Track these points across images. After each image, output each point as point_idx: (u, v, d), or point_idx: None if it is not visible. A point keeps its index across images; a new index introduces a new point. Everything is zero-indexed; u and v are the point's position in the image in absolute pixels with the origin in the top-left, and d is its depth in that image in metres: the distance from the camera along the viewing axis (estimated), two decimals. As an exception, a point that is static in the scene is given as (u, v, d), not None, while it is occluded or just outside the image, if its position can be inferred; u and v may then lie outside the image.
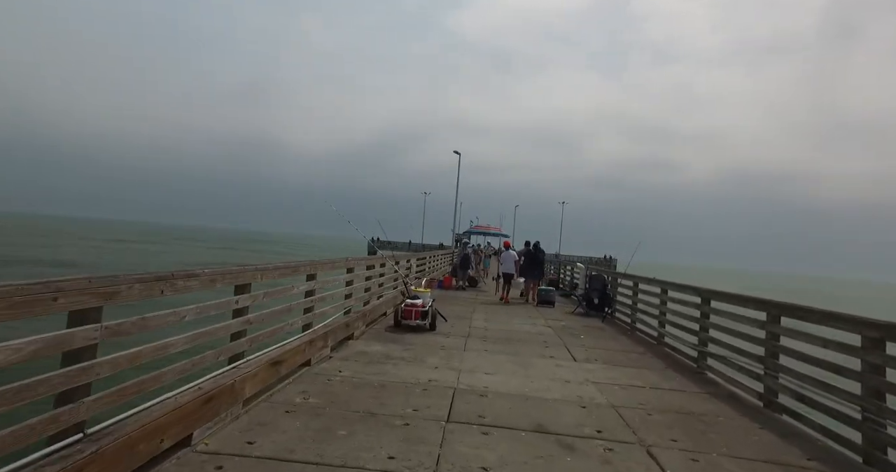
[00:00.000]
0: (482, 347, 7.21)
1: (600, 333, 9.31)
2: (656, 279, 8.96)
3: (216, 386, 3.21)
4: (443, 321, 9.05)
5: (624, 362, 6.86)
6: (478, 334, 8.25)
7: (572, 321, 10.61)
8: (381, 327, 8.20)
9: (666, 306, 8.27)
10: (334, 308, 6.46)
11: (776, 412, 4.74)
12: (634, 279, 10.09)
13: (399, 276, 9.88)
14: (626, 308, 10.53)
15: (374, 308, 8.40)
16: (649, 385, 5.67)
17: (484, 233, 19.36)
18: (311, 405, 3.99)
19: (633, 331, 9.69)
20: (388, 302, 9.31)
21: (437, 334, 7.93)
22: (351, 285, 7.25)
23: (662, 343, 8.14)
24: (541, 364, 6.35)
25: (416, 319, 7.92)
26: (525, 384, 5.29)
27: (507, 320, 10.25)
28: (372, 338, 7.20)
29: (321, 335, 5.54)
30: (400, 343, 6.99)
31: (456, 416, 4.07)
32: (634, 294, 10.05)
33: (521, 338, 8.16)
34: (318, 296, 5.82)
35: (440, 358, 6.24)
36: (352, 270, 7.26)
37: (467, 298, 13.94)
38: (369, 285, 8.51)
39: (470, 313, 10.85)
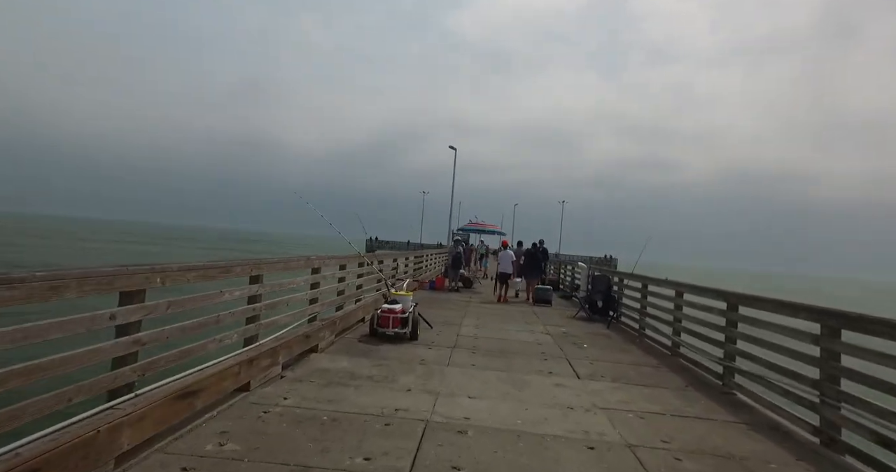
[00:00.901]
0: (469, 360, 6.17)
1: (606, 341, 8.26)
2: (669, 280, 7.92)
3: (56, 446, 2.16)
4: (427, 328, 8.00)
5: (636, 378, 5.82)
6: (466, 343, 7.20)
7: (574, 327, 9.56)
8: (357, 335, 7.16)
9: (682, 311, 7.23)
10: (292, 317, 5.41)
11: (840, 454, 3.70)
12: (643, 280, 9.05)
13: (382, 277, 8.83)
14: (633, 312, 9.49)
15: (348, 314, 7.35)
16: (670, 411, 4.62)
17: (479, 231, 18.24)
18: (222, 457, 2.93)
19: (641, 338, 8.65)
20: (367, 307, 8.27)
21: (419, 344, 6.88)
22: (317, 289, 6.20)
23: (678, 354, 7.10)
24: (538, 383, 5.31)
25: (394, 327, 6.88)
26: (517, 413, 4.24)
27: (501, 325, 9.20)
28: (340, 350, 6.15)
29: (268, 351, 4.50)
30: (372, 357, 5.94)
31: (422, 468, 3.02)
32: (643, 297, 9.01)
33: (516, 348, 7.11)
34: (268, 302, 4.77)
35: (416, 377, 5.20)
36: (318, 270, 6.21)
37: (459, 300, 12.89)
38: (343, 287, 7.46)
39: (460, 317, 9.80)
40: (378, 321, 6.93)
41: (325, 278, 6.45)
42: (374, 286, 9.41)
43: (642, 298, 9.04)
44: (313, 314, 6.11)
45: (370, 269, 8.98)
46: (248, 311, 4.42)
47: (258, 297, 4.53)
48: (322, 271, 6.32)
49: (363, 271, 8.62)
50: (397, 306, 7.01)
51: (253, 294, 4.48)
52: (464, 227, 19.07)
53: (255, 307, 4.50)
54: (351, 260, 7.91)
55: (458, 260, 15.62)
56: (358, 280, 8.54)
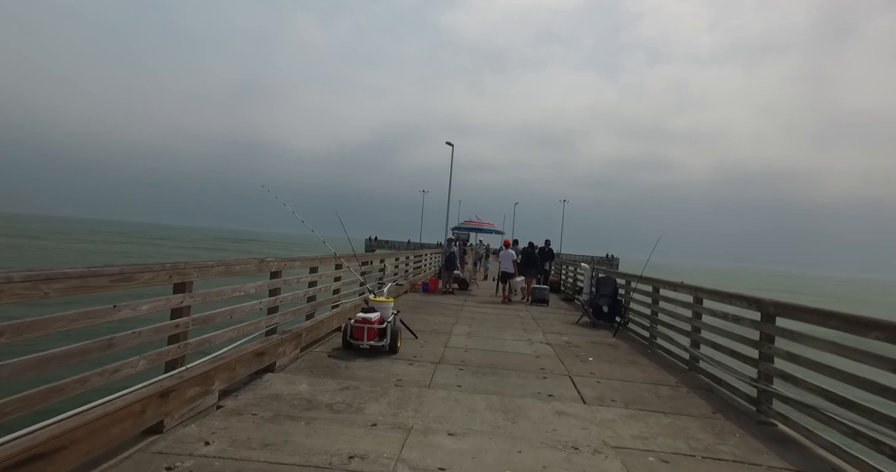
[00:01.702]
0: (455, 380, 5.24)
1: (613, 352, 7.33)
2: (686, 284, 6.98)
3: None
4: (412, 339, 7.09)
5: (652, 402, 4.89)
6: (453, 357, 6.27)
7: (577, 335, 8.63)
8: (329, 348, 6.23)
9: (701, 320, 6.30)
10: (238, 331, 4.48)
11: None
12: (655, 284, 8.11)
13: (363, 280, 7.90)
14: (642, 319, 8.55)
15: (319, 324, 6.42)
16: (700, 451, 3.70)
17: (477, 229, 17.27)
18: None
19: (652, 348, 7.72)
20: (346, 314, 7.34)
21: (398, 359, 5.95)
22: (277, 296, 5.27)
23: (697, 369, 6.16)
24: (535, 411, 4.38)
25: (369, 339, 5.95)
26: (509, 458, 3.31)
27: (496, 334, 8.26)
28: (303, 369, 5.22)
29: (196, 378, 3.57)
30: (339, 376, 5.02)
31: None
32: (655, 302, 8.08)
33: (512, 363, 6.18)
34: (200, 315, 3.85)
35: (387, 404, 4.27)
36: (278, 274, 5.28)
37: (452, 304, 11.96)
38: (314, 292, 6.53)
39: (451, 324, 8.87)
40: (351, 333, 6.00)
41: (287, 282, 5.52)
42: (356, 290, 8.50)
43: (653, 303, 8.11)
44: (272, 326, 5.18)
45: (356, 270, 8.07)
46: (168, 328, 3.49)
47: (184, 310, 3.60)
48: (283, 274, 5.40)
49: (342, 273, 7.69)
50: (373, 315, 6.08)
51: (177, 306, 3.55)
52: (460, 225, 18.12)
53: (179, 323, 3.57)
54: (325, 261, 6.98)
55: (451, 261, 14.68)
56: (335, 284, 7.62)
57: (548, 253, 16.26)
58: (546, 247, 16.46)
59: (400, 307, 10.61)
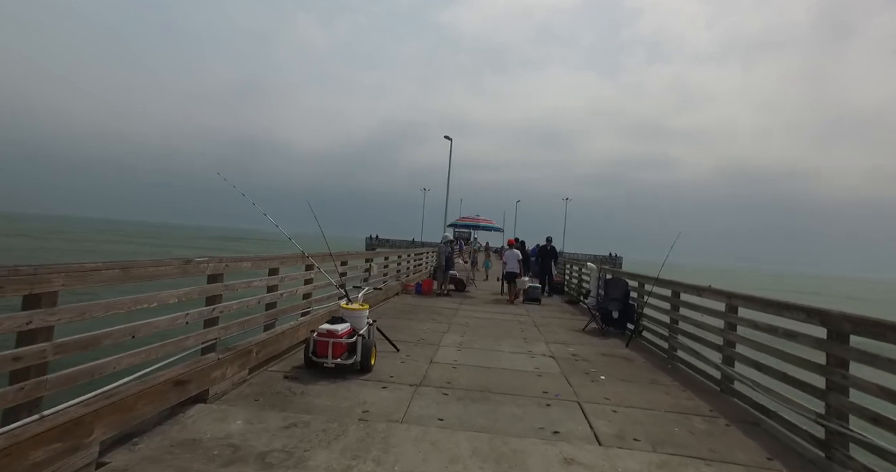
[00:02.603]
0: (436, 410, 4.18)
1: (628, 368, 6.26)
2: (714, 289, 5.91)
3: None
4: (392, 352, 6.06)
5: (687, 442, 3.82)
6: (438, 377, 5.22)
7: (585, 346, 7.56)
8: (290, 365, 5.20)
9: (736, 332, 5.24)
10: (147, 353, 3.42)
11: None
12: (675, 287, 7.04)
13: (335, 283, 6.85)
14: (660, 327, 7.48)
15: (280, 335, 5.36)
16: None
17: (474, 226, 16.11)
18: None
19: (673, 362, 6.66)
20: (317, 323, 6.29)
21: (370, 380, 4.90)
22: (216, 305, 4.21)
23: (733, 391, 5.10)
24: (538, 459, 3.33)
25: (335, 356, 4.90)
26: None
27: (492, 344, 7.21)
28: (246, 396, 4.17)
29: (53, 431, 2.53)
30: (290, 407, 3.97)
31: None
32: (675, 308, 7.01)
33: (508, 384, 5.12)
34: (69, 340, 2.79)
35: (340, 452, 3.21)
36: (218, 278, 4.23)
37: (446, 308, 10.90)
38: (274, 298, 5.49)
39: (441, 333, 7.81)
40: (313, 349, 4.95)
41: (231, 288, 4.47)
42: (336, 293, 7.44)
43: (673, 309, 7.04)
44: (208, 343, 4.13)
45: (331, 271, 7.04)
46: (5, 361, 2.44)
47: (38, 333, 2.56)
48: (226, 278, 4.35)
49: (316, 274, 6.65)
50: (341, 326, 5.03)
51: (25, 328, 2.50)
52: (456, 222, 17.00)
53: (24, 353, 2.51)
54: (289, 261, 5.94)
55: (449, 261, 13.62)
56: (305, 287, 6.58)
57: (550, 252, 15.21)
58: (548, 245, 15.40)
59: (386, 313, 9.63)
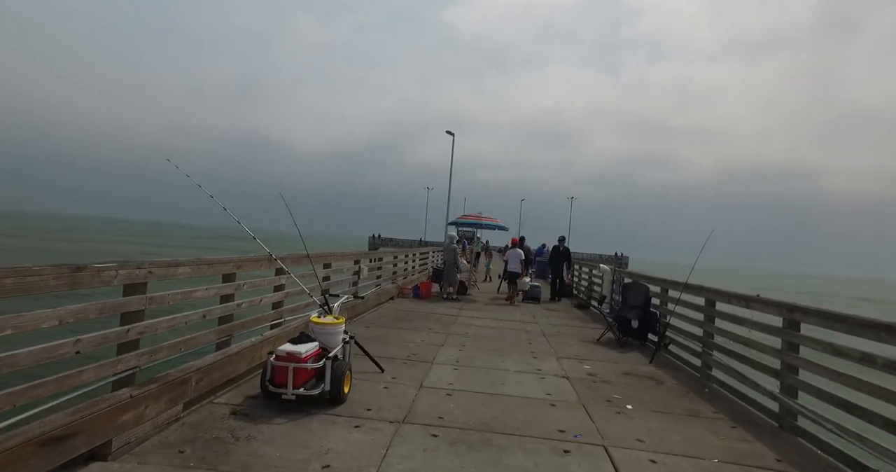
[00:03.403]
0: (422, 463, 3.16)
1: (658, 393, 5.24)
2: (764, 299, 4.87)
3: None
4: (376, 373, 5.07)
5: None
6: (428, 410, 4.20)
7: (603, 362, 6.54)
8: (243, 394, 4.21)
9: (798, 354, 4.21)
10: (13, 396, 2.44)
11: None
12: (709, 295, 6.00)
13: (307, 290, 5.83)
14: (690, 340, 6.44)
15: (231, 358, 4.36)
16: None
17: (476, 224, 15.03)
18: None
19: (708, 383, 5.64)
20: (285, 338, 5.30)
21: (341, 415, 3.90)
22: (134, 324, 3.22)
23: (797, 430, 4.07)
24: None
25: (297, 384, 3.89)
26: None
27: (496, 360, 6.19)
28: (170, 445, 3.17)
29: None
30: (223, 462, 2.97)
31: None
32: (709, 320, 5.98)
33: (515, 419, 4.10)
34: None
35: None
36: (137, 289, 3.24)
37: (444, 314, 9.89)
38: (230, 310, 4.50)
39: (436, 347, 6.81)
40: (271, 375, 3.95)
41: (158, 300, 3.47)
42: (316, 300, 6.45)
43: (707, 321, 6.01)
44: (125, 373, 3.14)
45: (305, 277, 6.05)
46: None
47: None
48: (150, 289, 3.36)
49: (284, 279, 5.65)
50: (306, 347, 4.02)
51: None
52: (458, 220, 15.95)
53: None
54: (252, 265, 4.95)
55: (457, 263, 12.64)
56: (275, 295, 5.59)
57: (563, 253, 14.06)
58: (560, 246, 14.26)
59: (376, 320, 8.60)
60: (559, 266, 13.85)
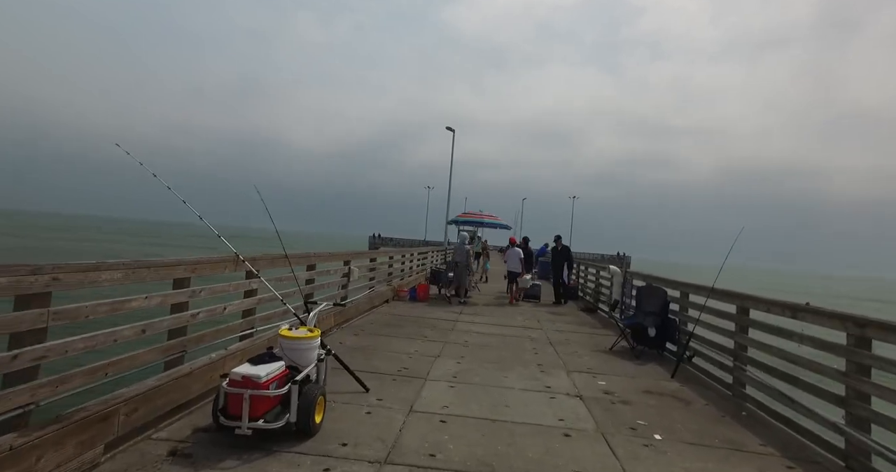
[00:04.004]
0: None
1: (687, 415, 4.49)
2: (817, 309, 4.12)
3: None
4: (360, 393, 4.34)
5: None
6: (418, 443, 3.45)
7: (619, 376, 5.78)
8: (190, 425, 3.46)
9: (870, 378, 3.46)
10: None
11: None
12: (742, 302, 5.25)
13: (279, 296, 5.09)
14: (717, 353, 5.69)
15: (181, 380, 3.62)
16: None
17: (478, 222, 14.24)
18: None
19: (742, 401, 4.90)
20: (252, 353, 4.55)
21: (308, 454, 3.14)
22: (25, 349, 2.48)
23: (866, 470, 3.33)
24: None
25: (255, 415, 3.14)
26: None
27: (498, 376, 5.44)
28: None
29: None
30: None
31: None
32: (741, 330, 5.23)
33: (524, 458, 3.33)
34: None
35: None
36: (39, 300, 2.50)
37: (442, 318, 9.14)
38: (182, 322, 3.76)
39: (432, 357, 6.07)
40: (223, 404, 3.20)
41: (71, 315, 2.73)
42: (291, 308, 5.72)
43: (740, 331, 5.27)
44: (18, 409, 2.40)
45: (280, 280, 5.32)
46: None
47: None
48: (54, 302, 2.62)
49: (251, 283, 4.91)
50: (267, 368, 3.26)
51: None
52: (457, 218, 15.15)
53: None
54: (209, 267, 4.21)
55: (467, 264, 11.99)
56: (245, 302, 4.85)
57: (562, 253, 13.31)
58: (558, 245, 13.50)
59: (366, 327, 7.80)
60: (560, 267, 13.08)
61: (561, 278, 13.08)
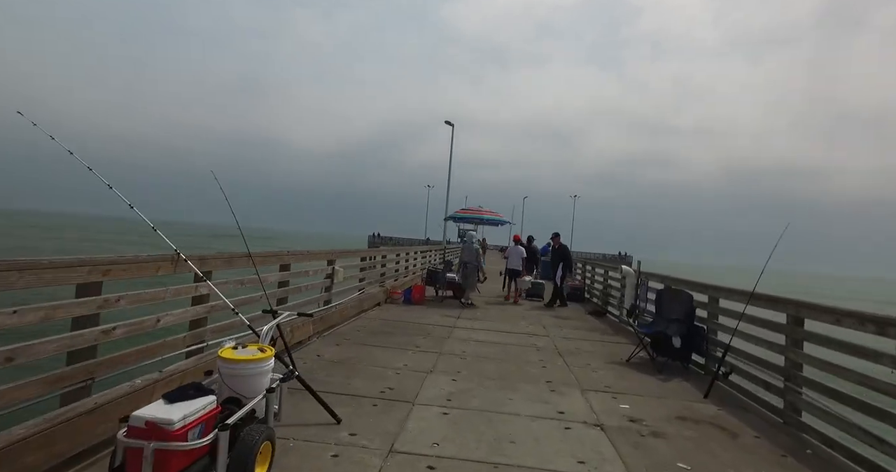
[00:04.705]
0: None
1: (735, 452, 3.59)
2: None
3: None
4: (329, 425, 3.45)
5: None
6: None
7: (644, 396, 4.89)
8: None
9: None
10: None
11: None
12: (797, 311, 4.36)
13: (232, 307, 4.20)
14: (761, 369, 4.81)
15: (72, 422, 2.73)
16: None
17: (477, 218, 13.30)
18: None
19: (797, 431, 4.02)
20: (196, 374, 3.65)
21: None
22: None
23: None
24: None
25: (166, 478, 2.25)
26: None
27: (501, 397, 4.55)
28: None
29: None
30: None
31: None
32: (794, 344, 4.34)
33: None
34: None
35: None
36: None
37: (438, 324, 8.24)
38: (87, 341, 2.87)
39: (423, 372, 5.18)
40: (120, 462, 2.31)
41: None
42: (244, 319, 4.82)
43: (792, 345, 4.37)
44: None
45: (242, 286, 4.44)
46: None
47: None
48: None
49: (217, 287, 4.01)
50: (181, 410, 2.35)
51: None
52: (455, 214, 14.22)
53: None
54: (133, 269, 3.32)
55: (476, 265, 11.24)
56: (193, 310, 3.96)
57: (559, 252, 12.27)
58: (555, 244, 12.44)
59: (352, 335, 6.67)
60: (555, 267, 11.99)
61: (555, 278, 12.07)
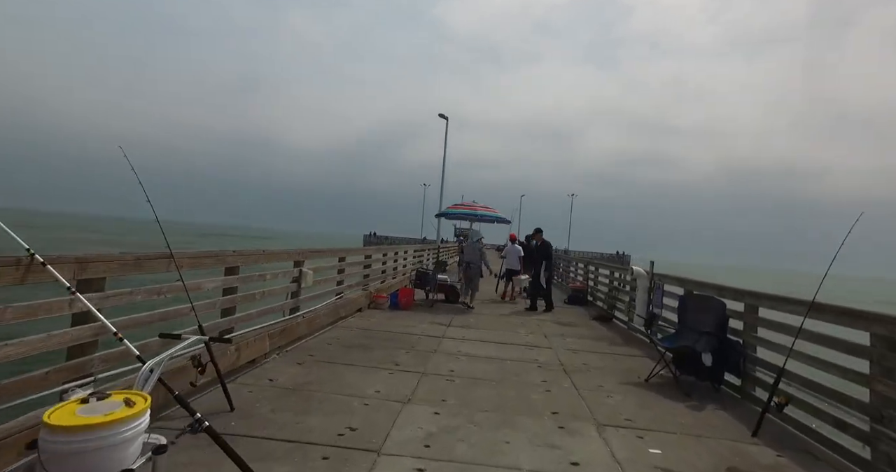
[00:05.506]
0: None
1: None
2: None
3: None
4: None
5: None
6: None
7: (675, 435, 3.84)
8: None
9: None
10: None
11: None
12: (884, 330, 3.32)
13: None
14: (832, 404, 3.76)
15: None
16: None
17: (470, 215, 12.27)
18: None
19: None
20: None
21: None
22: None
23: None
24: None
25: None
26: None
27: (496, 439, 3.48)
28: None
29: None
30: None
31: None
32: (883, 373, 3.30)
33: None
34: None
35: None
36: None
37: (425, 334, 7.16)
38: None
39: (400, 400, 4.11)
40: None
41: None
42: (130, 344, 3.77)
43: (881, 374, 3.33)
44: None
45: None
46: None
47: None
48: None
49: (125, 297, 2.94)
50: None
51: None
52: (447, 210, 13.19)
53: None
54: None
55: (475, 269, 10.35)
56: (72, 333, 2.89)
57: (541, 249, 11.03)
58: (537, 240, 11.16)
59: (320, 348, 5.33)
60: (537, 265, 10.89)
61: (541, 278, 10.88)
